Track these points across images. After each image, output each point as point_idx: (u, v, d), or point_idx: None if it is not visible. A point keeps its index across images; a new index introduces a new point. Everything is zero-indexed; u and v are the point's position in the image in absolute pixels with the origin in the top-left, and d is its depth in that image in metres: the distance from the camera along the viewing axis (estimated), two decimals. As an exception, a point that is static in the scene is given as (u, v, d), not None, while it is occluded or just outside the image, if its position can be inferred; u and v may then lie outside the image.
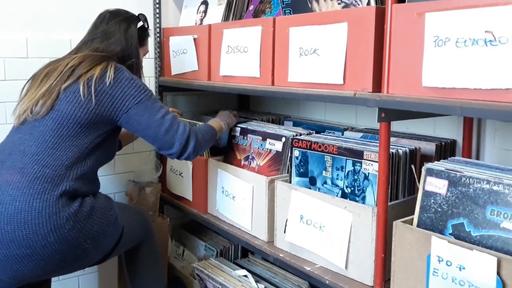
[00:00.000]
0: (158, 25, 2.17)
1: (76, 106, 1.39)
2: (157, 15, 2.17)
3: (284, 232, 1.54)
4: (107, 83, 1.42)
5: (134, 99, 1.44)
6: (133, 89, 1.45)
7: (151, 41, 2.14)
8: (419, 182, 1.19)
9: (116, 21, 1.59)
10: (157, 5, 2.16)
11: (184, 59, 1.99)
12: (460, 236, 1.09)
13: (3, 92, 1.85)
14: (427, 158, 1.47)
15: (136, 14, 1.69)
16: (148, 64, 2.16)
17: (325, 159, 1.45)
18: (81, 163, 1.40)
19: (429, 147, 1.49)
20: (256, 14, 1.85)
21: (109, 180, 2.12)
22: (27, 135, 1.40)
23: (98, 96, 1.41)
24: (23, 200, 1.30)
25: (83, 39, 1.59)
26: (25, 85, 1.52)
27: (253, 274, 1.75)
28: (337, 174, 1.42)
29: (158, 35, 2.17)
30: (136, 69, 1.61)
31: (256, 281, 1.70)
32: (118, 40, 1.57)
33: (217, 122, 1.75)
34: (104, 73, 1.43)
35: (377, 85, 1.24)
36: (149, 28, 1.74)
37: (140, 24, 1.66)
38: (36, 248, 1.30)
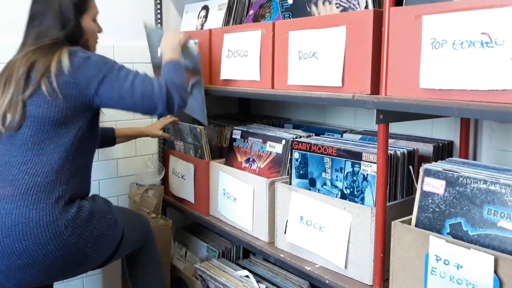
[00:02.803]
0: (159, 30, 2.20)
1: (46, 108, 1.34)
2: (159, 21, 2.19)
3: (285, 233, 1.55)
4: (66, 73, 1.35)
5: (97, 78, 1.37)
6: (93, 68, 1.38)
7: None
8: (417, 182, 1.21)
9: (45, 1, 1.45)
10: (159, 11, 2.18)
11: (185, 63, 2.01)
12: (458, 235, 1.11)
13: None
14: (424, 159, 1.49)
15: None
16: (150, 68, 2.17)
17: (325, 161, 1.47)
18: (70, 162, 1.37)
19: (427, 148, 1.51)
20: (256, 18, 1.87)
21: (112, 183, 2.14)
22: (8, 145, 1.37)
23: (62, 89, 1.34)
24: (19, 213, 1.29)
25: (25, 27, 1.47)
26: None
27: (255, 274, 1.77)
28: (337, 176, 1.44)
29: (159, 40, 2.20)
30: (84, 43, 1.50)
31: (258, 281, 1.71)
32: (53, 19, 1.43)
33: (171, 53, 1.59)
34: (59, 65, 1.35)
35: (375, 87, 1.25)
36: None
37: None
38: (38, 257, 1.30)
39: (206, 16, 2.06)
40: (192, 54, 1.73)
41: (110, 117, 1.96)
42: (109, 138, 1.87)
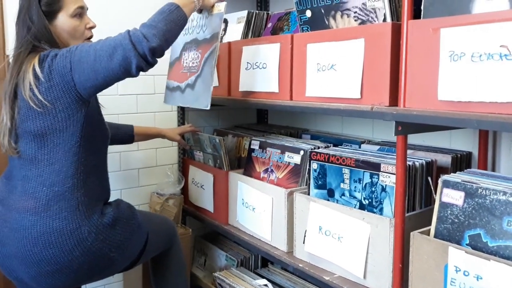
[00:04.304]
0: (179, 42, 2.23)
1: (41, 119, 1.33)
2: (179, 33, 2.23)
3: (303, 242, 1.57)
4: (43, 80, 1.32)
5: (67, 68, 1.32)
6: (61, 63, 1.32)
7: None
8: (435, 193, 1.21)
9: (20, 5, 1.43)
10: (179, 23, 2.22)
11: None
12: (477, 246, 1.11)
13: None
14: (443, 170, 1.49)
15: None
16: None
17: (343, 172, 1.48)
18: (82, 163, 1.37)
19: (445, 159, 1.51)
20: (275, 31, 1.90)
21: (133, 193, 2.18)
22: (22, 160, 1.39)
23: (47, 97, 1.32)
24: (43, 224, 1.33)
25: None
26: None
27: (273, 283, 1.78)
28: (355, 186, 1.45)
29: (179, 52, 2.24)
30: (63, 42, 1.45)
31: (276, 291, 1.73)
32: (22, 21, 1.40)
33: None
34: (34, 74, 1.32)
35: (394, 99, 1.26)
36: None
37: None
38: (64, 263, 1.34)
39: (225, 29, 2.10)
40: (216, 18, 1.58)
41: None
42: (128, 135, 1.89)
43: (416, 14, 1.22)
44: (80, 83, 1.33)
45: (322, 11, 1.50)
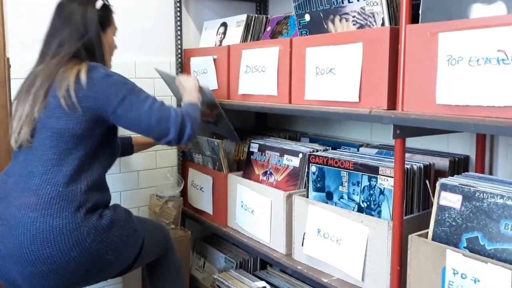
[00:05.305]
0: (179, 46, 2.25)
1: (66, 120, 1.38)
2: (179, 37, 2.24)
3: (302, 245, 1.57)
4: (85, 87, 1.37)
5: (116, 97, 1.40)
6: (113, 87, 1.41)
7: (173, 62, 2.24)
8: (433, 196, 1.22)
9: (72, 8, 1.47)
10: (179, 27, 2.24)
11: (204, 78, 2.06)
12: (475, 249, 1.12)
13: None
14: (441, 173, 1.50)
15: None
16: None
17: (342, 175, 1.49)
18: (88, 172, 1.41)
19: (443, 163, 1.52)
20: (274, 35, 1.91)
21: (133, 195, 2.18)
22: (30, 156, 1.41)
23: (81, 103, 1.37)
24: (43, 221, 1.33)
25: (45, 36, 1.49)
26: (13, 103, 1.49)
27: (272, 285, 1.79)
28: (353, 189, 1.46)
29: (179, 56, 2.25)
30: (101, 57, 1.51)
31: (275, 293, 1.73)
32: (76, 29, 1.45)
33: (189, 97, 1.67)
34: (78, 79, 1.37)
35: (392, 103, 1.27)
36: (110, 4, 1.57)
37: (99, 3, 1.51)
38: (61, 264, 1.34)
39: (224, 33, 2.11)
40: (205, 93, 1.80)
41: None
42: (127, 146, 1.90)
43: (414, 18, 1.23)
44: (118, 115, 1.42)
45: (321, 15, 1.51)
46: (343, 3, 1.44)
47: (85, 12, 1.47)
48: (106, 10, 1.55)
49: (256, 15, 2.03)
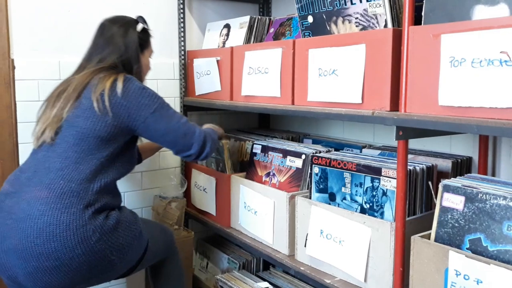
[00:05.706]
0: (182, 47, 2.26)
1: (95, 121, 1.43)
2: (182, 38, 2.26)
3: (305, 246, 1.58)
4: (119, 95, 1.44)
5: (149, 109, 1.48)
6: (146, 99, 1.48)
7: (176, 63, 2.25)
8: (436, 198, 1.22)
9: (114, 29, 1.58)
10: (182, 29, 2.25)
11: (207, 80, 2.07)
12: (477, 250, 1.12)
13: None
14: (443, 174, 1.50)
15: (135, 17, 1.67)
16: (173, 85, 2.25)
17: (344, 176, 1.49)
18: (103, 175, 1.44)
19: (446, 164, 1.52)
20: (277, 36, 1.92)
21: (137, 195, 2.19)
22: (50, 152, 1.44)
23: (113, 109, 1.44)
24: (51, 215, 1.35)
25: (86, 53, 1.60)
26: (41, 106, 1.55)
27: (275, 286, 1.79)
28: (356, 190, 1.46)
29: (183, 57, 2.26)
30: (137, 74, 1.61)
31: (278, 294, 1.74)
32: (117, 48, 1.56)
33: (212, 126, 1.85)
34: (114, 86, 1.45)
35: (395, 104, 1.28)
36: (149, 28, 1.71)
37: (139, 27, 1.64)
38: (64, 260, 1.34)
39: (227, 34, 2.12)
40: (222, 148, 1.97)
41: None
42: (137, 155, 1.92)
43: (417, 20, 1.23)
44: (147, 126, 1.49)
45: (324, 16, 1.52)
46: (346, 4, 1.44)
47: (126, 34, 1.59)
48: (146, 33, 1.67)
49: (259, 17, 2.04)
